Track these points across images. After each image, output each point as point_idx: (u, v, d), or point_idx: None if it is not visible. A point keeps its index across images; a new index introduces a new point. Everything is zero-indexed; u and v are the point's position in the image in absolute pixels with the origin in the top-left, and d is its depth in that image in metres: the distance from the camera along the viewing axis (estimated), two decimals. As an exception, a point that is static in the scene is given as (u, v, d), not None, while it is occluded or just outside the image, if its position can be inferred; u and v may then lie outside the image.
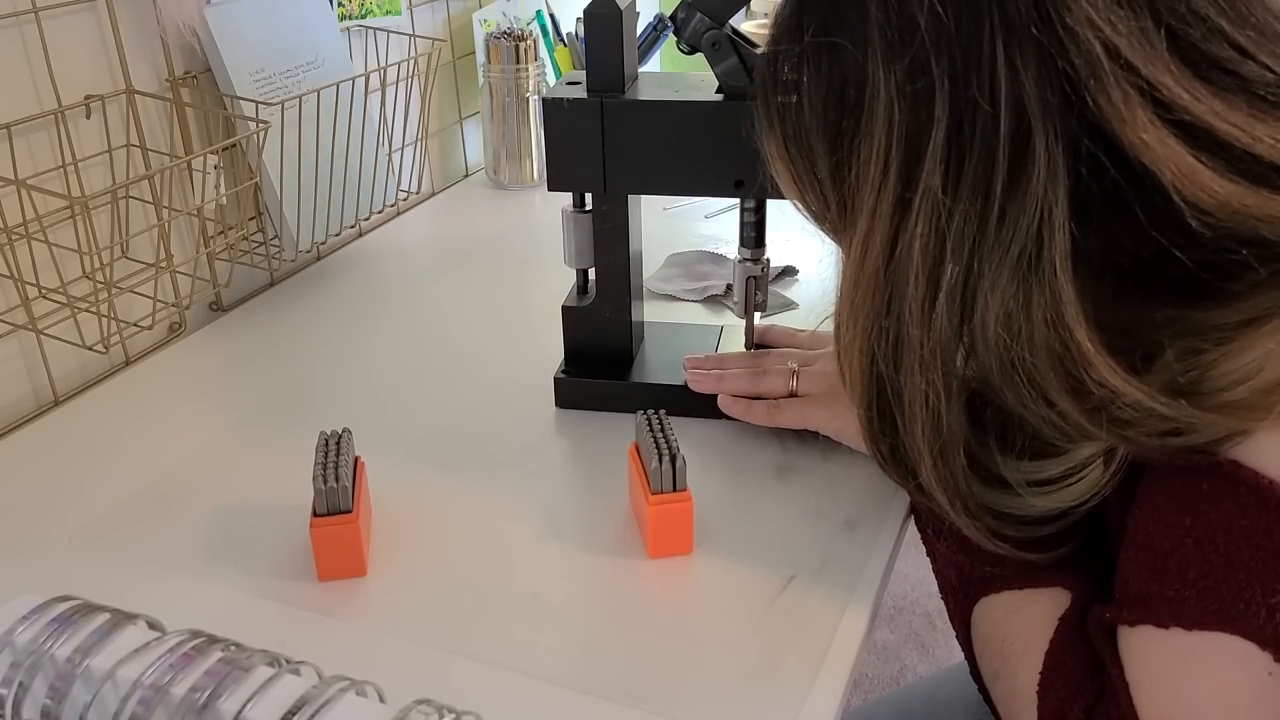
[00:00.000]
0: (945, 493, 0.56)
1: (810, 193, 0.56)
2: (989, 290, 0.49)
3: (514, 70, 1.27)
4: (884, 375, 0.54)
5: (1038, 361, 0.49)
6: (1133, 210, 0.47)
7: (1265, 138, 0.45)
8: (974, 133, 0.47)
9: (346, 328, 0.98)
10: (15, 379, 0.85)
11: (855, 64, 0.50)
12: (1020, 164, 0.47)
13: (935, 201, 0.49)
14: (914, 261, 0.50)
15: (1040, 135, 0.46)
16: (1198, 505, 0.49)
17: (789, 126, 0.55)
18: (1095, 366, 0.48)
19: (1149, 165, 0.45)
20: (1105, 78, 0.45)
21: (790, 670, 0.58)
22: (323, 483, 0.63)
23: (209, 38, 0.95)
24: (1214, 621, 0.48)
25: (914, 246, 0.50)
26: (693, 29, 0.71)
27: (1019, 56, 0.46)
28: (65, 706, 0.42)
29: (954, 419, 0.53)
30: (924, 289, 0.50)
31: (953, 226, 0.49)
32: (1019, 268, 0.48)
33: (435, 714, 0.41)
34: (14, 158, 0.81)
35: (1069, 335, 0.48)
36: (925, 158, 0.49)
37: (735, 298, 0.82)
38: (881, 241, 0.51)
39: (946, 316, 0.51)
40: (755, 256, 0.79)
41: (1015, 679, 0.57)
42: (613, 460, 0.75)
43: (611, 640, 0.60)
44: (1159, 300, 0.49)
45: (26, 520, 0.72)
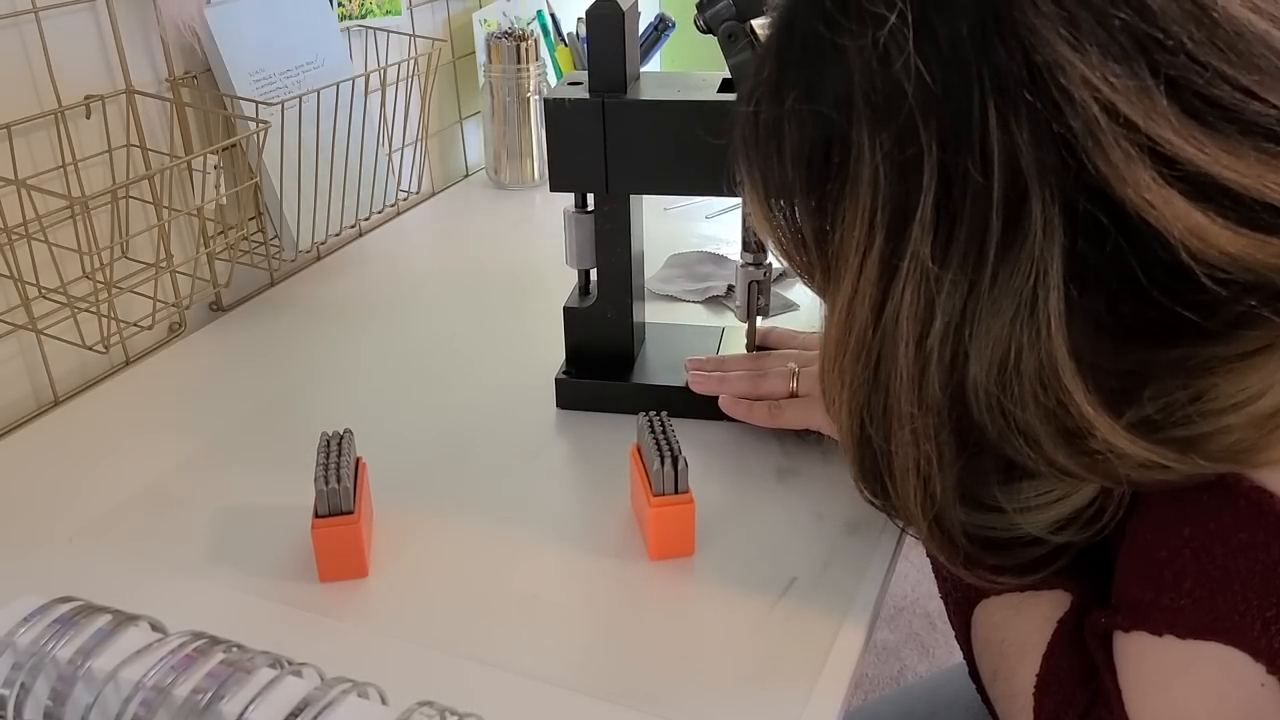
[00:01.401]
0: (944, 551, 0.55)
1: (794, 250, 0.55)
2: (980, 349, 0.48)
3: (514, 70, 1.27)
4: (874, 441, 0.53)
5: (1031, 419, 0.48)
6: (1133, 270, 0.45)
7: (1275, 185, 0.43)
8: (964, 199, 0.46)
9: (346, 328, 0.98)
10: (15, 379, 0.85)
11: (839, 127, 0.49)
12: (1015, 228, 0.45)
13: (924, 269, 0.47)
14: (902, 329, 0.49)
15: (1037, 199, 0.45)
16: (1197, 516, 0.49)
17: (770, 184, 0.53)
18: (1097, 428, 0.47)
19: (1155, 225, 0.44)
20: (1104, 138, 0.43)
21: (791, 672, 0.58)
22: (324, 483, 0.63)
23: (209, 38, 0.95)
24: (1208, 632, 0.48)
25: (901, 314, 0.49)
26: (716, 11, 0.70)
27: (1013, 120, 0.44)
28: (67, 708, 0.42)
29: (948, 482, 0.52)
30: (913, 358, 0.49)
31: (942, 293, 0.47)
32: (1012, 327, 0.47)
33: (437, 715, 0.41)
34: (14, 158, 0.81)
35: (1067, 397, 0.47)
36: (913, 224, 0.47)
37: (737, 301, 0.82)
38: (869, 306, 0.50)
39: (938, 382, 0.49)
40: (758, 261, 0.79)
41: (1013, 680, 0.57)
42: (614, 462, 0.75)
43: (613, 642, 0.60)
44: (1163, 346, 0.47)
45: (27, 520, 0.71)
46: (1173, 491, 0.50)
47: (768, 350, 0.83)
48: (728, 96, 0.73)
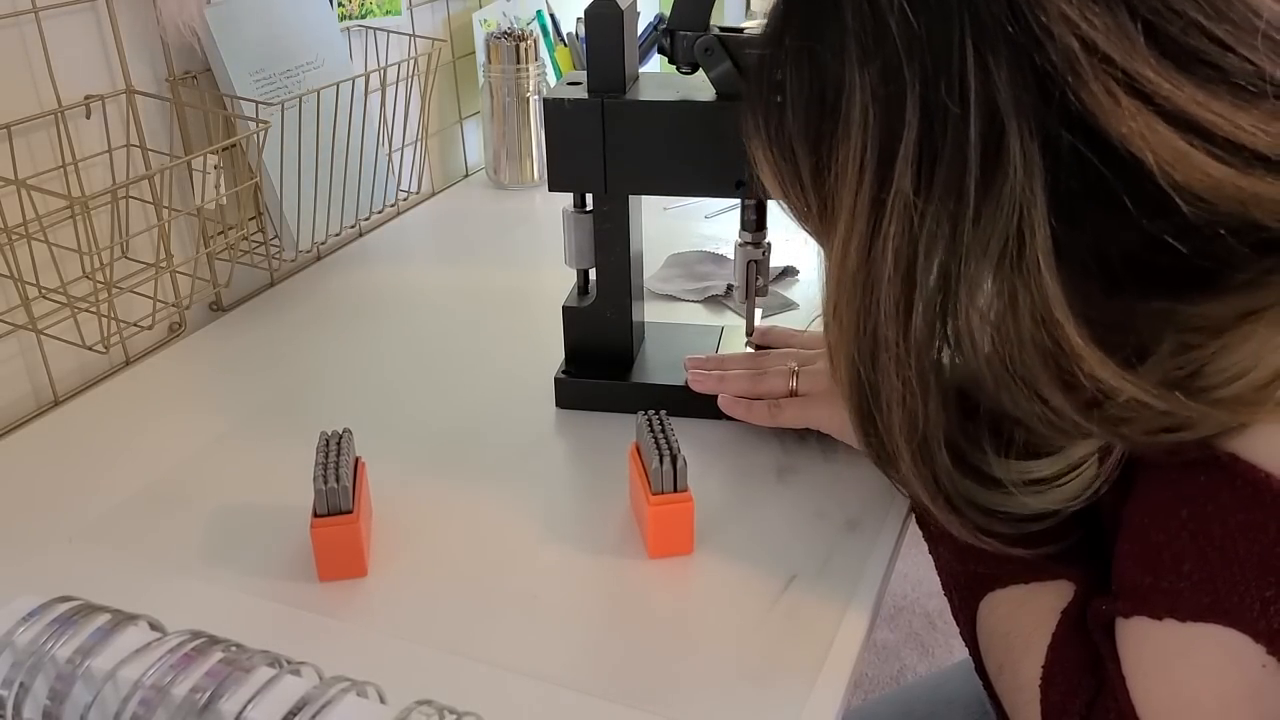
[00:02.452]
0: (925, 489, 0.56)
1: (794, 195, 0.57)
2: (970, 290, 0.49)
3: (514, 70, 1.27)
4: (864, 377, 0.55)
5: (1028, 359, 0.49)
6: (1119, 202, 0.47)
7: (1248, 126, 0.45)
8: (944, 135, 0.48)
9: (346, 328, 0.98)
10: (15, 379, 0.85)
11: (833, 68, 0.51)
12: (994, 164, 0.47)
13: (907, 203, 0.49)
14: (887, 262, 0.51)
15: (1014, 135, 0.46)
16: (1194, 498, 0.49)
17: (772, 129, 0.56)
18: (1086, 361, 0.48)
19: (1137, 153, 0.45)
20: (1084, 72, 0.45)
21: (791, 671, 0.58)
22: (323, 483, 0.63)
23: (209, 38, 0.95)
24: (1208, 614, 0.48)
25: (887, 248, 0.50)
26: (682, 49, 0.71)
27: (991, 57, 0.46)
28: (66, 707, 0.42)
29: (932, 416, 0.54)
30: (898, 289, 0.51)
31: (924, 228, 0.49)
32: (1001, 266, 0.48)
33: (436, 714, 0.41)
34: (14, 158, 0.81)
35: (1058, 331, 0.48)
36: (897, 160, 0.49)
37: (735, 282, 0.81)
38: (859, 243, 0.52)
39: (923, 317, 0.51)
40: (756, 240, 0.79)
41: (1019, 673, 0.57)
42: (613, 461, 0.75)
43: (612, 641, 0.60)
44: (1149, 294, 0.49)
45: (26, 520, 0.72)
46: (1169, 475, 0.50)
47: (767, 349, 0.83)
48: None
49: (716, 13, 0.73)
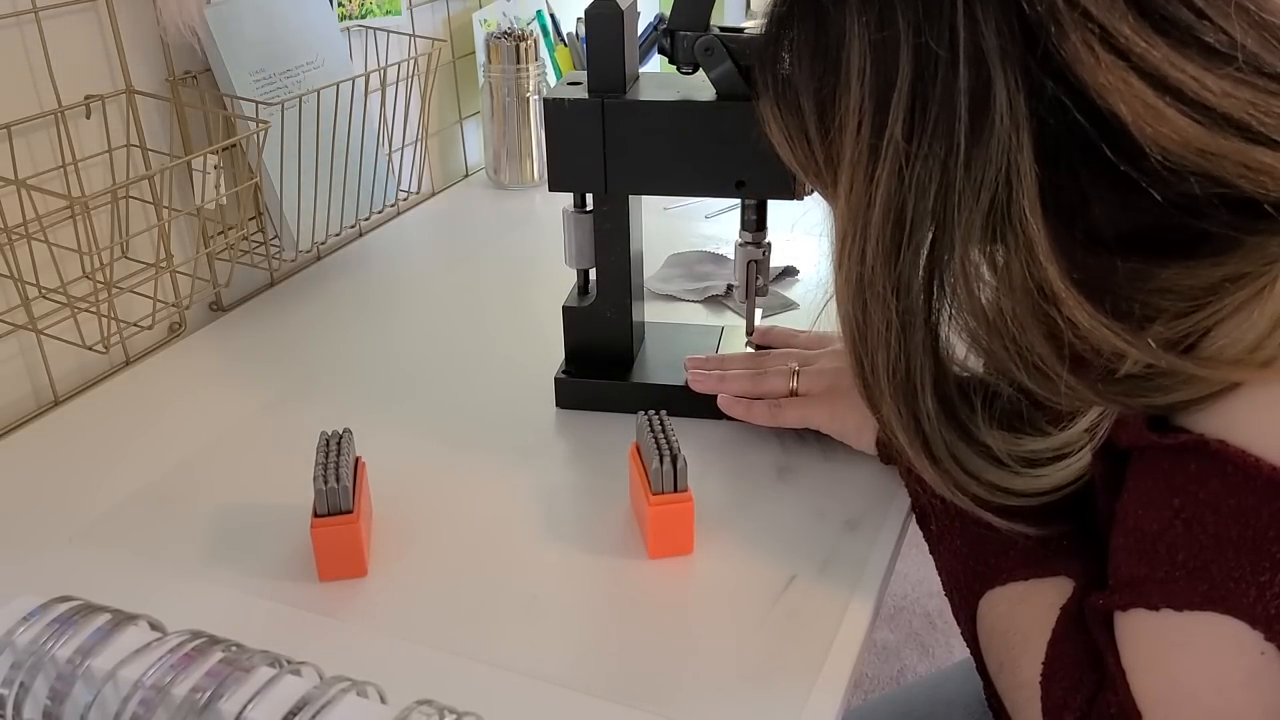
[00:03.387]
0: (904, 431, 0.57)
1: (800, 150, 0.58)
2: (963, 238, 0.51)
3: (514, 70, 1.27)
4: (853, 319, 0.57)
5: (1017, 306, 0.51)
6: (1100, 154, 0.48)
7: (1214, 89, 0.46)
8: (935, 82, 0.49)
9: (346, 328, 0.98)
10: (15, 379, 0.85)
11: (834, 18, 0.52)
12: (982, 112, 0.49)
13: (898, 149, 0.51)
14: (879, 206, 0.52)
15: (1000, 84, 0.48)
16: (1186, 486, 0.49)
17: (779, 85, 0.57)
18: (1064, 303, 0.49)
19: (1113, 106, 0.47)
20: (1065, 23, 0.47)
21: (791, 670, 0.58)
22: (323, 483, 0.63)
23: (209, 38, 0.95)
24: (1204, 602, 0.48)
25: (878, 193, 0.52)
26: (683, 49, 0.72)
27: (979, 6, 0.48)
28: (66, 707, 0.42)
29: (916, 359, 0.55)
30: (888, 233, 0.53)
31: (914, 173, 0.51)
32: (991, 215, 0.50)
33: (436, 714, 0.41)
34: (14, 158, 0.81)
35: (1041, 274, 0.49)
36: (891, 106, 0.51)
37: (736, 281, 0.81)
38: (857, 190, 0.53)
39: (910, 261, 0.53)
40: (757, 240, 0.79)
41: (1019, 670, 0.57)
42: (613, 461, 0.75)
43: (612, 640, 0.60)
44: (1128, 252, 0.50)
45: (26, 520, 0.72)
46: (1160, 465, 0.51)
47: (768, 349, 0.83)
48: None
49: (717, 13, 0.73)
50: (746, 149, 0.73)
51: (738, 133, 0.73)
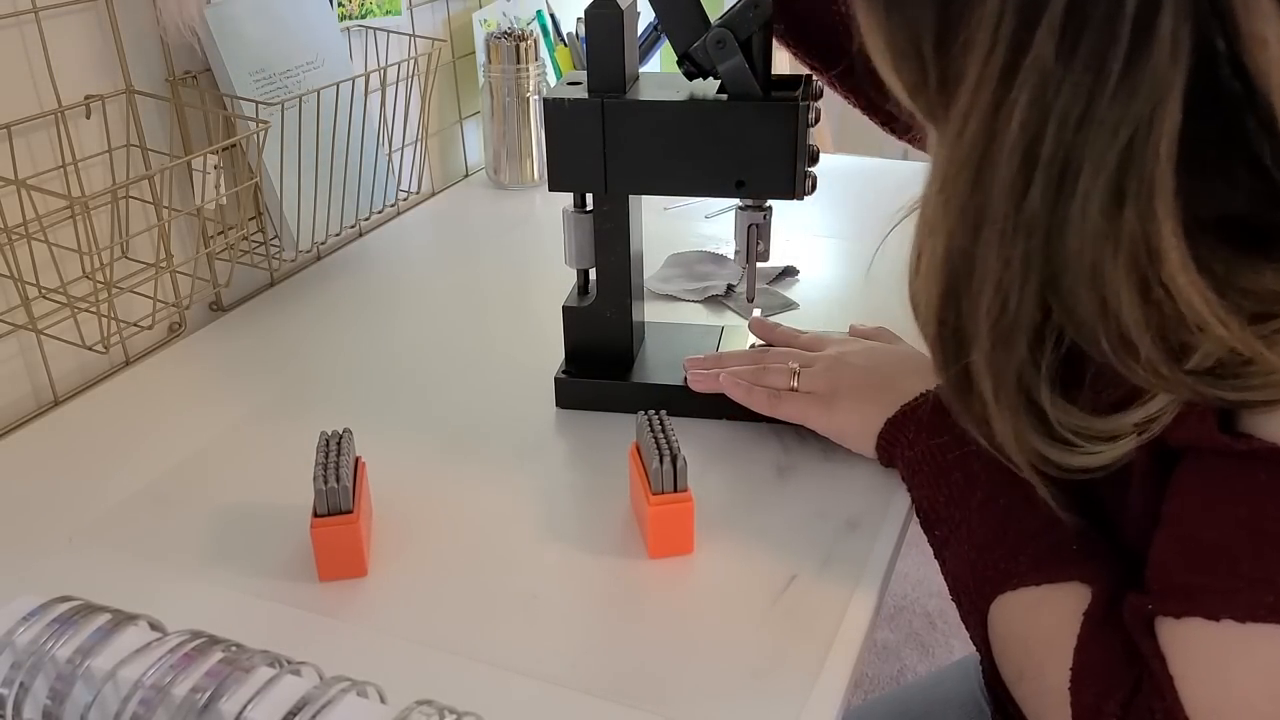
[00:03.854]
0: (993, 379, 0.53)
1: (908, 66, 0.52)
2: (1093, 174, 0.46)
3: (514, 70, 1.27)
4: (960, 251, 0.51)
5: (1120, 254, 0.47)
6: (1237, 116, 0.44)
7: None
8: (1096, 5, 0.44)
9: (346, 328, 0.98)
10: (15, 379, 0.85)
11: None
12: (1143, 41, 0.44)
13: (1044, 71, 0.46)
14: (1011, 134, 0.47)
15: (1169, 14, 0.43)
16: (1253, 495, 0.48)
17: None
18: (1169, 260, 0.46)
19: (1256, 64, 0.43)
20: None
21: (792, 670, 0.58)
22: (323, 483, 0.63)
23: (209, 38, 0.95)
24: (1269, 614, 0.47)
25: (1012, 119, 0.47)
26: (701, 55, 0.72)
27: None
28: (66, 707, 0.42)
29: (1025, 303, 0.50)
30: (1017, 164, 0.47)
31: (1059, 101, 0.46)
32: (1125, 153, 0.45)
33: (436, 714, 0.41)
34: (14, 158, 0.81)
35: (1152, 227, 0.46)
36: (1040, 25, 0.45)
37: (737, 246, 0.81)
38: (982, 114, 0.48)
39: (1041, 194, 0.47)
40: (758, 204, 0.79)
41: (1044, 677, 0.56)
42: (613, 460, 0.75)
43: (612, 640, 0.60)
44: (1243, 243, 0.47)
45: (26, 520, 0.72)
46: (1221, 471, 0.49)
47: (768, 346, 0.83)
48: (726, 97, 0.73)
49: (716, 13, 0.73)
50: (746, 149, 0.73)
51: (738, 133, 0.73)
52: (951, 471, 0.65)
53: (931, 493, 0.66)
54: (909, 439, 0.69)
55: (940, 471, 0.66)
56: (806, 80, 0.75)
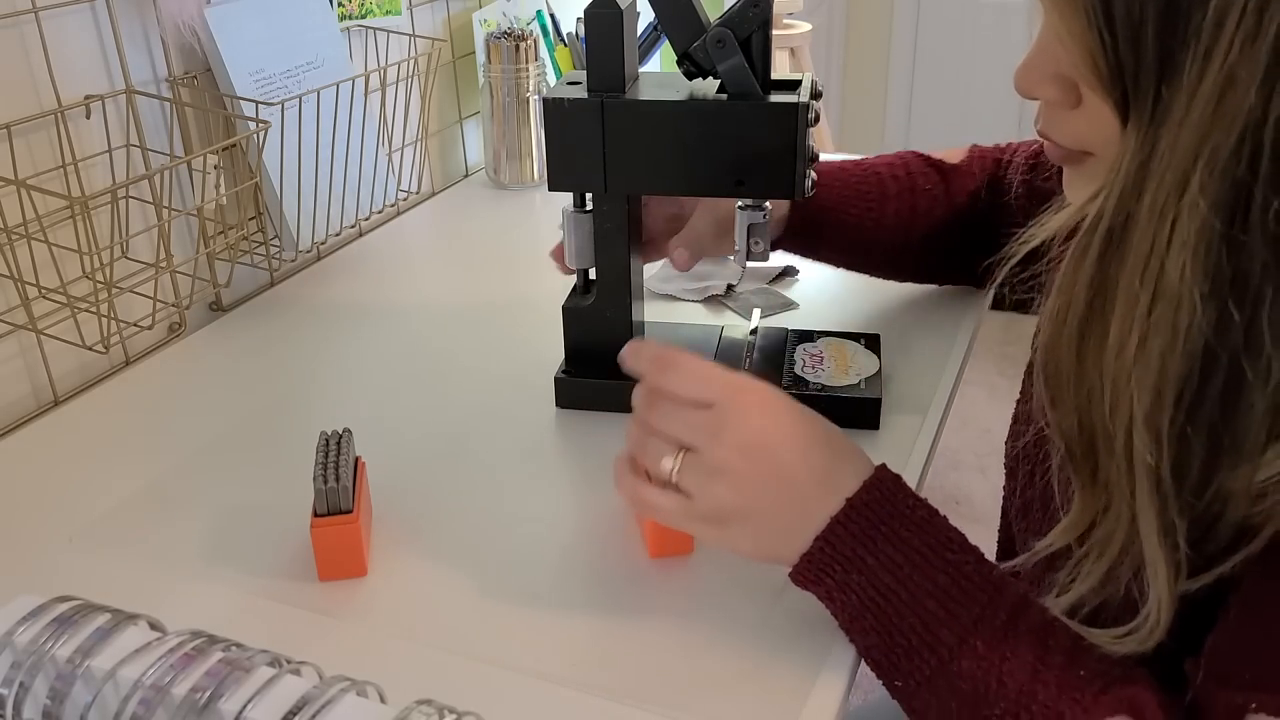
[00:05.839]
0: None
1: (1119, 36, 0.45)
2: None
3: (514, 70, 1.27)
4: (1236, 281, 0.44)
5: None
6: None
7: None
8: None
9: (346, 328, 0.98)
10: (15, 379, 0.85)
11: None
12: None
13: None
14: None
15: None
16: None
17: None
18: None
19: None
20: None
21: (791, 670, 0.58)
22: (323, 483, 0.63)
23: (209, 38, 0.95)
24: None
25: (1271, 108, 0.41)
26: (702, 56, 0.71)
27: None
28: (66, 707, 0.42)
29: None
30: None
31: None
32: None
33: (436, 714, 0.41)
34: (14, 158, 0.81)
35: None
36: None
37: (737, 245, 0.81)
38: (1249, 88, 0.41)
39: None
40: (757, 203, 0.79)
41: None
42: (613, 460, 0.75)
43: (612, 640, 0.60)
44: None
45: (26, 520, 0.72)
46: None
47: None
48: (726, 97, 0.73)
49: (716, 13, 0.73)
50: (746, 149, 0.73)
51: (738, 133, 0.73)
52: (904, 614, 0.53)
53: (882, 640, 0.54)
54: (836, 579, 0.55)
55: (887, 617, 0.53)
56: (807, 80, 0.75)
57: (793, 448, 0.55)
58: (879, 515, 0.54)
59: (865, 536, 0.54)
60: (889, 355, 0.86)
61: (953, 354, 0.88)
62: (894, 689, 0.55)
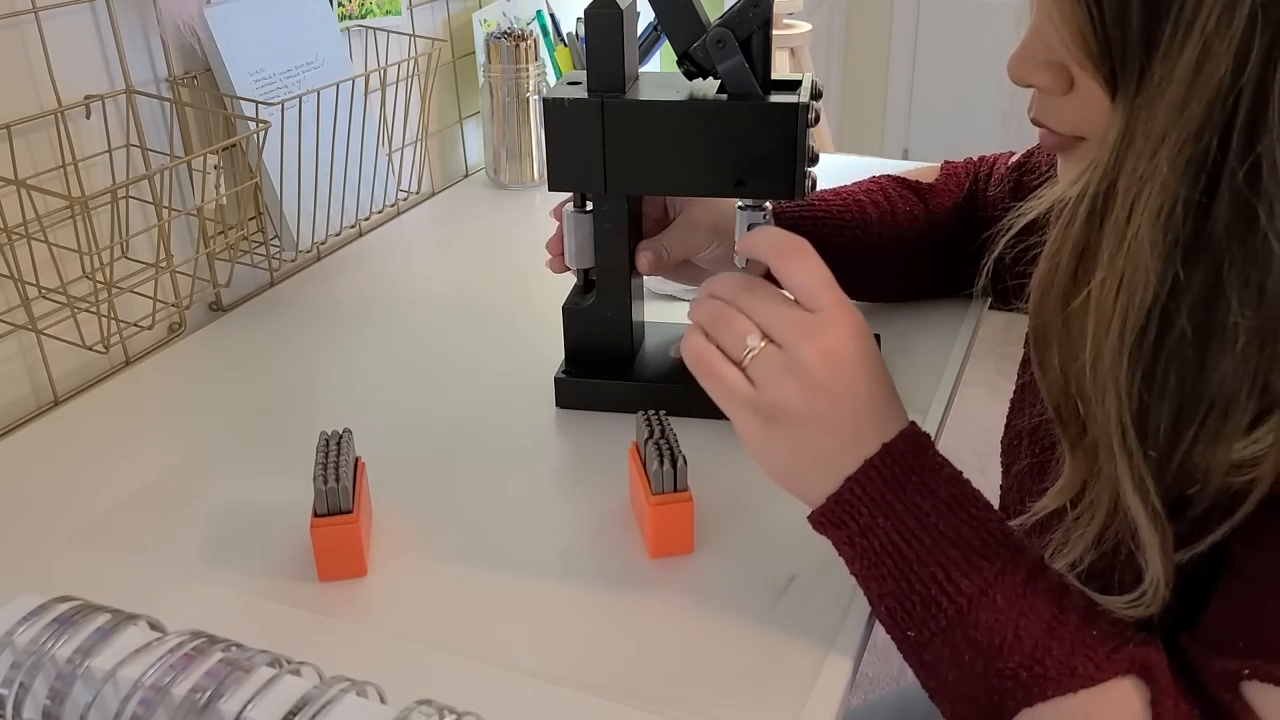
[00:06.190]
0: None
1: (1108, 13, 0.47)
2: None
3: (514, 70, 1.27)
4: (1199, 244, 0.46)
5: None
6: None
7: None
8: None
9: (346, 328, 0.98)
10: (15, 379, 0.85)
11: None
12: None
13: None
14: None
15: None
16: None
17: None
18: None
19: None
20: None
21: (791, 670, 0.58)
22: (323, 483, 0.63)
23: (209, 38, 0.95)
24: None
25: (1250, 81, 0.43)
26: (702, 56, 0.71)
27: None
28: (66, 707, 0.42)
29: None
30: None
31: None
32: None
33: (436, 714, 0.41)
34: (14, 158, 0.81)
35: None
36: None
37: (737, 248, 0.80)
38: (1224, 62, 0.43)
39: None
40: (757, 204, 0.79)
41: None
42: (613, 460, 0.75)
43: (612, 640, 0.60)
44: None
45: (26, 520, 0.72)
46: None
47: None
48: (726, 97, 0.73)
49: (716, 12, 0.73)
50: (746, 149, 0.73)
51: (738, 133, 0.73)
52: (927, 561, 0.54)
53: (899, 587, 0.55)
54: (860, 522, 0.55)
55: (908, 562, 0.54)
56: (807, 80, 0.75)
57: (867, 378, 0.55)
58: (911, 465, 0.55)
59: (895, 482, 0.54)
60: (889, 355, 0.86)
61: (953, 354, 0.88)
62: (904, 641, 0.55)
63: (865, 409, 0.55)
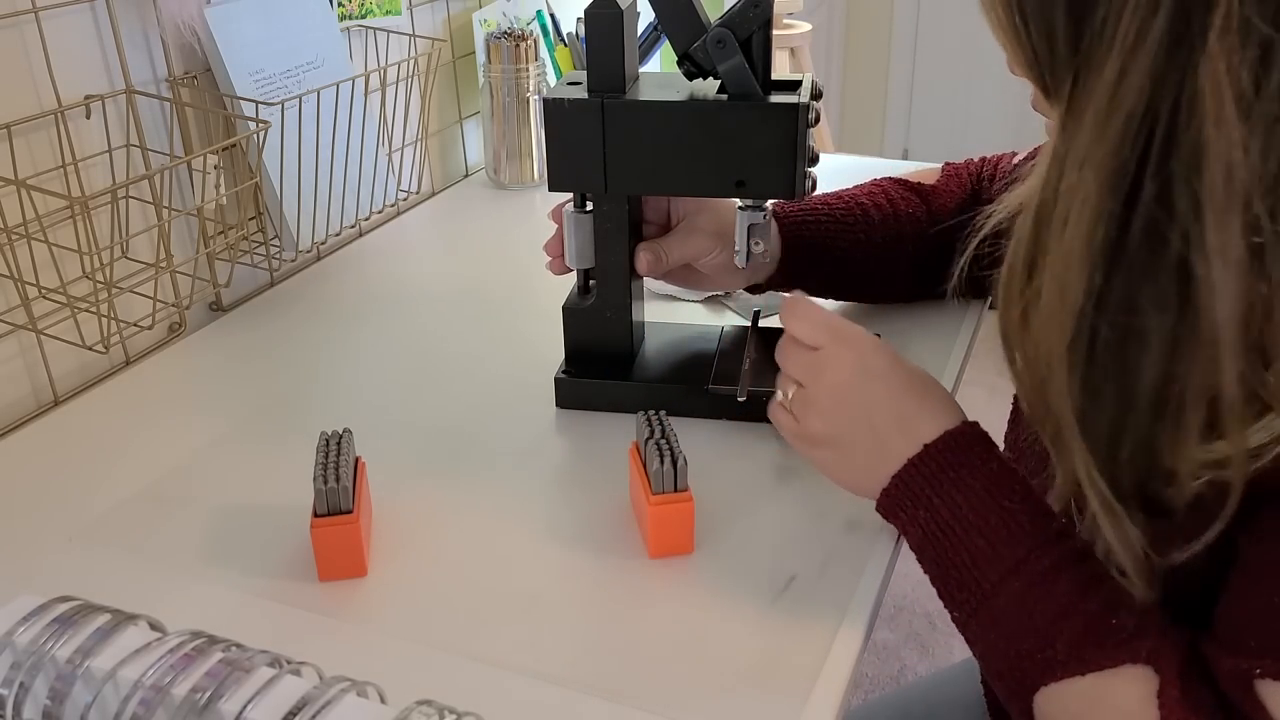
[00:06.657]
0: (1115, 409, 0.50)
1: (1034, 26, 0.49)
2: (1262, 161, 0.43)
3: (514, 70, 1.27)
4: (1118, 253, 0.48)
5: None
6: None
7: None
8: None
9: (346, 328, 0.98)
10: (15, 379, 0.85)
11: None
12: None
13: (1247, 27, 0.42)
14: (1205, 102, 0.43)
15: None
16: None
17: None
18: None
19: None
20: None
21: (791, 670, 0.58)
22: (323, 483, 0.63)
23: (209, 38, 0.95)
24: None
25: (1204, 85, 0.43)
26: (703, 56, 0.71)
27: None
28: (66, 707, 0.42)
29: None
30: (1234, 131, 0.43)
31: (1275, 68, 0.42)
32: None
33: (436, 714, 0.41)
34: (14, 158, 0.81)
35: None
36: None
37: (737, 246, 0.81)
38: (1141, 83, 0.45)
39: (1259, 158, 0.44)
40: (757, 204, 0.79)
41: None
42: (613, 460, 0.75)
43: (612, 640, 0.60)
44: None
45: (26, 520, 0.72)
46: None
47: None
48: (726, 97, 0.73)
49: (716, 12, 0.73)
50: (746, 149, 0.73)
51: (738, 133, 0.73)
52: (958, 549, 0.58)
53: (940, 571, 0.60)
54: (907, 514, 0.61)
55: (944, 550, 0.59)
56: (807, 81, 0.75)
57: (880, 396, 0.63)
58: (950, 462, 0.60)
59: (934, 479, 0.60)
60: (889, 355, 0.86)
61: (953, 354, 0.88)
62: (954, 619, 0.60)
63: (885, 421, 0.62)
